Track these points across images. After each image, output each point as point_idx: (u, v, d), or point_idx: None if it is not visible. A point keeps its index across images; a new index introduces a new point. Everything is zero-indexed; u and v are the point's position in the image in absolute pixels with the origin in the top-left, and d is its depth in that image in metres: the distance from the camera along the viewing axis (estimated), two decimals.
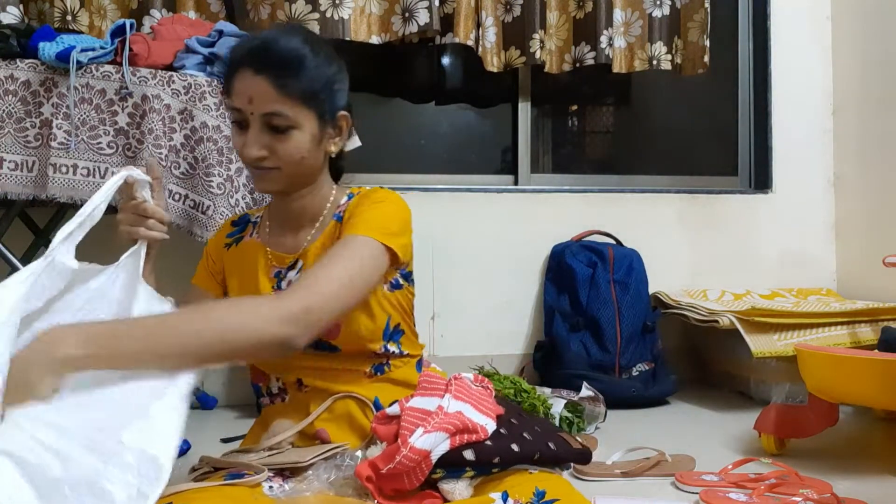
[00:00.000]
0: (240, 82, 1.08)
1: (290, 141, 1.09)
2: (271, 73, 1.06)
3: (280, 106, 1.07)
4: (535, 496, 0.95)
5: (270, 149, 1.09)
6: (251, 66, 1.07)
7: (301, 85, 1.08)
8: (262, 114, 1.07)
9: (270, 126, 1.08)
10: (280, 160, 1.09)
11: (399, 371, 1.18)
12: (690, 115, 2.95)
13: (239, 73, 1.08)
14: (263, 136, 1.08)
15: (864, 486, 1.48)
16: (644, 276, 2.40)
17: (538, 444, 1.07)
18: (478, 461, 1.01)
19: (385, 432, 1.02)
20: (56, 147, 1.67)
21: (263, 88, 1.06)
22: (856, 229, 2.67)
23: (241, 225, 1.28)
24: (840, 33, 2.73)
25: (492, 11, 2.42)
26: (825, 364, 1.64)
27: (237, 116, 1.10)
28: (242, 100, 1.07)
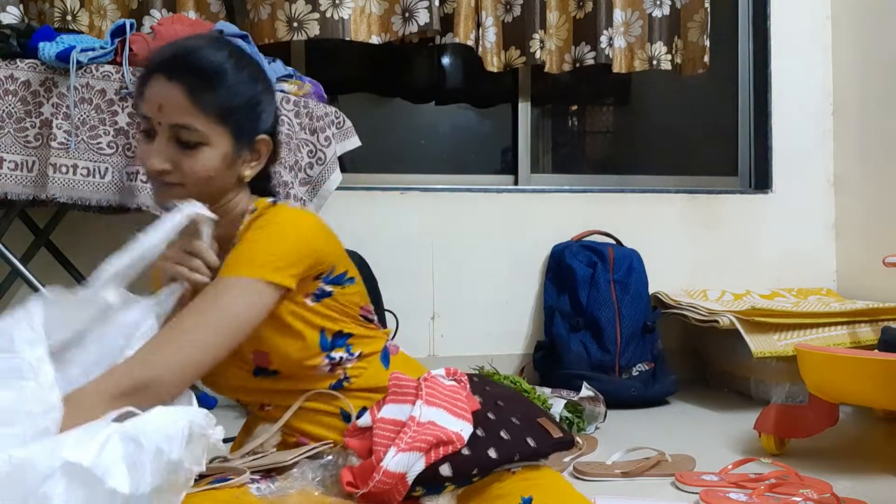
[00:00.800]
0: (151, 88, 1.00)
1: (197, 158, 1.01)
2: (186, 81, 0.99)
3: (191, 118, 0.99)
4: None
5: (175, 163, 1.01)
6: (165, 73, 0.99)
7: (217, 99, 1.00)
8: (171, 124, 0.99)
9: (178, 139, 1.00)
10: (184, 177, 1.01)
11: (361, 379, 1.10)
12: (690, 115, 2.95)
13: (153, 78, 1.00)
14: (169, 149, 1.00)
15: (864, 486, 1.48)
16: (644, 276, 2.40)
17: (517, 445, 1.04)
18: (456, 476, 0.98)
19: (358, 446, 1.00)
20: (56, 147, 1.66)
21: (176, 97, 0.99)
22: (856, 229, 2.67)
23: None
24: (840, 33, 2.73)
25: (492, 11, 2.42)
26: (825, 364, 1.64)
27: (145, 125, 1.02)
28: (152, 107, 1.00)
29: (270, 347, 1.05)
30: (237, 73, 1.03)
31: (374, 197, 2.41)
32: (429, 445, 0.97)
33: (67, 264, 2.09)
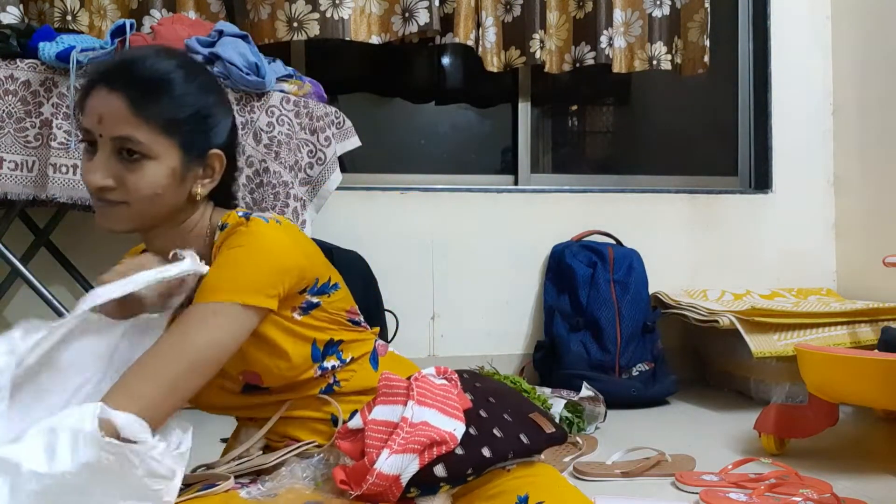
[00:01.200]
0: (92, 99, 0.94)
1: (141, 173, 0.94)
2: (128, 91, 0.92)
3: (133, 130, 0.93)
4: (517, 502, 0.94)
5: (118, 179, 0.94)
6: (107, 83, 0.93)
7: (162, 109, 0.94)
8: (112, 137, 0.93)
9: (121, 152, 0.93)
10: (128, 194, 0.94)
11: (351, 382, 1.09)
12: (690, 115, 2.95)
13: (94, 89, 0.94)
14: (112, 164, 0.94)
15: (864, 486, 1.48)
16: (644, 276, 2.40)
17: (510, 442, 1.03)
18: (450, 476, 0.97)
19: (350, 449, 0.99)
20: (56, 147, 1.66)
21: (116, 108, 0.92)
22: (856, 229, 2.67)
23: None
24: (840, 33, 2.73)
25: (492, 11, 2.42)
26: (825, 364, 1.64)
27: (86, 137, 0.95)
28: (92, 119, 0.93)
29: (261, 368, 1.01)
30: (185, 84, 0.96)
31: (374, 197, 2.41)
32: (422, 446, 0.96)
33: (67, 264, 2.09)
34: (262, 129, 1.83)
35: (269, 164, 1.83)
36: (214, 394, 1.04)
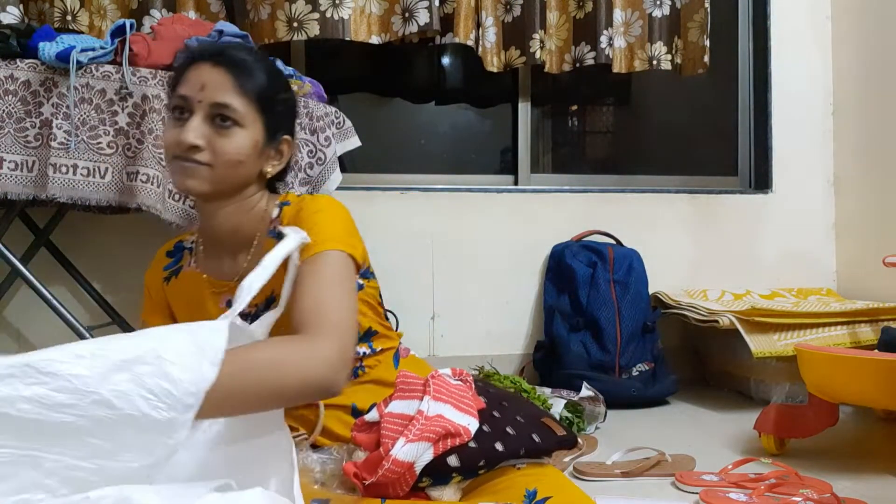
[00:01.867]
0: (194, 71, 1.04)
1: (231, 138, 1.04)
2: (230, 67, 1.04)
3: (232, 98, 1.03)
4: (526, 498, 0.94)
5: (208, 141, 1.03)
6: (210, 60, 1.05)
7: (257, 87, 1.06)
8: (212, 103, 1.03)
9: (215, 118, 1.04)
10: (216, 156, 1.04)
11: (374, 371, 1.15)
12: (690, 115, 2.95)
13: (195, 64, 1.05)
14: (204, 127, 1.03)
15: (864, 486, 1.48)
16: (644, 276, 2.40)
17: (522, 440, 1.05)
18: (463, 466, 0.99)
19: (366, 440, 1.00)
20: (56, 147, 1.66)
21: (220, 79, 1.04)
22: (856, 229, 2.67)
23: (176, 254, 1.22)
24: (840, 33, 2.73)
25: (492, 11, 2.42)
26: (825, 364, 1.64)
27: (179, 103, 1.05)
28: (193, 87, 1.03)
29: None
30: (276, 75, 1.10)
31: (374, 197, 2.41)
32: (437, 436, 0.98)
33: (67, 264, 2.09)
34: None
35: None
36: None
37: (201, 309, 1.14)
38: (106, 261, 2.18)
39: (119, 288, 2.18)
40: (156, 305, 1.22)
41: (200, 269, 1.16)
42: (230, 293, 1.07)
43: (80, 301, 2.14)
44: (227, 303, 1.10)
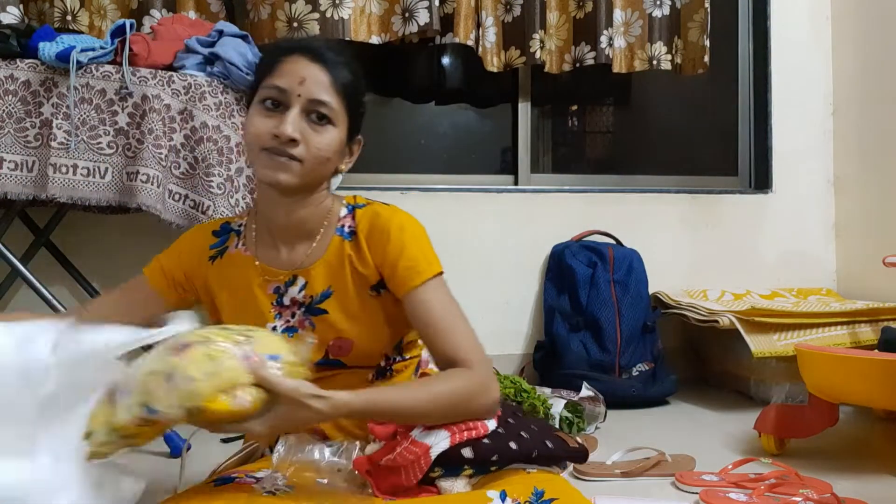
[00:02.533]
0: (291, 64, 1.05)
1: (324, 135, 1.06)
2: (328, 65, 1.06)
3: (329, 96, 1.06)
4: (533, 495, 0.94)
5: (303, 136, 1.05)
6: (307, 54, 1.06)
7: (350, 86, 1.08)
8: (311, 98, 1.04)
9: (311, 115, 1.05)
10: (308, 152, 1.05)
11: (398, 377, 1.18)
12: (690, 115, 2.95)
13: (291, 57, 1.06)
14: (299, 122, 1.04)
15: (864, 486, 1.48)
16: (644, 276, 2.40)
17: (536, 443, 1.07)
18: (476, 459, 1.01)
19: (382, 431, 1.02)
20: (56, 147, 1.66)
21: (319, 75, 1.05)
22: (856, 229, 2.67)
23: (222, 235, 1.21)
24: (840, 33, 2.73)
25: (492, 11, 2.42)
26: (825, 364, 1.64)
27: (275, 95, 1.05)
28: (292, 79, 1.04)
29: (362, 339, 1.11)
30: (361, 77, 1.13)
31: (373, 197, 2.40)
32: (455, 426, 1.01)
33: (67, 264, 2.09)
34: None
35: None
36: None
37: (249, 293, 1.14)
38: (106, 261, 2.18)
39: None
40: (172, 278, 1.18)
41: (251, 254, 1.16)
42: (280, 282, 1.13)
43: (80, 301, 2.14)
44: (276, 290, 1.13)
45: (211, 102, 1.76)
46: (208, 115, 1.75)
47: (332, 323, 1.11)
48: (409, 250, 1.11)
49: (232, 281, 1.17)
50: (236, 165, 1.79)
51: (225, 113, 1.78)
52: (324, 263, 1.13)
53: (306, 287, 1.13)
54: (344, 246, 1.13)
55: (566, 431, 1.87)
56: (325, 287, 1.12)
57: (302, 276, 1.13)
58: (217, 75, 1.79)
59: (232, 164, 1.78)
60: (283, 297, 1.13)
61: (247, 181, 1.82)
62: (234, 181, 1.79)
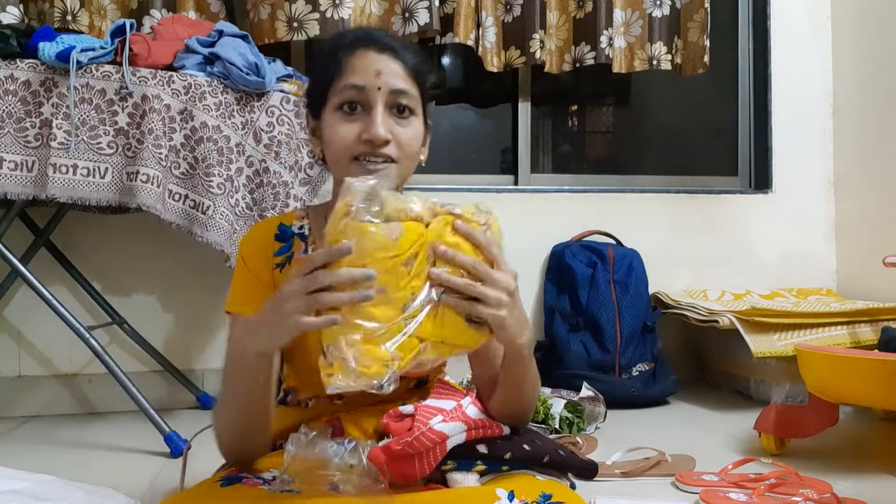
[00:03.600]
0: (361, 59, 0.96)
1: (410, 128, 0.99)
2: (397, 51, 0.98)
3: (408, 85, 0.98)
4: (541, 497, 0.95)
5: (394, 134, 0.97)
6: (373, 45, 0.97)
7: (420, 70, 1.01)
8: (392, 90, 0.96)
9: (395, 107, 0.98)
10: (401, 149, 0.98)
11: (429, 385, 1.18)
12: (690, 115, 2.95)
13: (357, 52, 0.97)
14: (387, 119, 0.97)
15: (864, 486, 1.48)
16: (644, 276, 2.40)
17: (548, 449, 1.07)
18: (490, 455, 1.02)
19: (397, 427, 1.01)
20: (56, 147, 1.66)
21: (392, 64, 0.97)
22: (856, 229, 2.67)
23: (286, 240, 1.11)
24: (840, 33, 2.73)
25: (492, 11, 2.42)
26: (825, 364, 1.64)
27: (353, 95, 0.96)
28: (367, 74, 0.96)
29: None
30: (425, 60, 1.05)
31: None
32: (473, 424, 1.01)
33: (67, 264, 2.09)
34: (262, 129, 1.83)
35: (269, 164, 1.83)
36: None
37: None
38: (106, 261, 2.18)
39: (119, 288, 2.18)
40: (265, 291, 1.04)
41: None
42: None
43: (80, 301, 2.14)
44: None
45: (211, 102, 1.76)
46: (208, 115, 1.75)
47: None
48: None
49: None
50: (236, 165, 1.80)
51: (225, 113, 1.78)
52: None
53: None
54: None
55: (566, 431, 1.87)
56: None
57: None
58: (217, 75, 1.79)
59: (232, 164, 1.79)
60: None
61: (246, 181, 1.82)
62: (234, 181, 1.79)
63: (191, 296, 2.22)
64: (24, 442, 1.86)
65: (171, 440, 1.71)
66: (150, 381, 2.14)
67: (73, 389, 2.17)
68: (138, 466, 1.63)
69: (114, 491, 1.17)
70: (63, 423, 2.03)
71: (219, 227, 1.74)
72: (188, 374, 2.18)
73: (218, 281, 2.19)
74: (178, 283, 2.22)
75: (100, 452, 1.76)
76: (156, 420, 1.73)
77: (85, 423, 2.03)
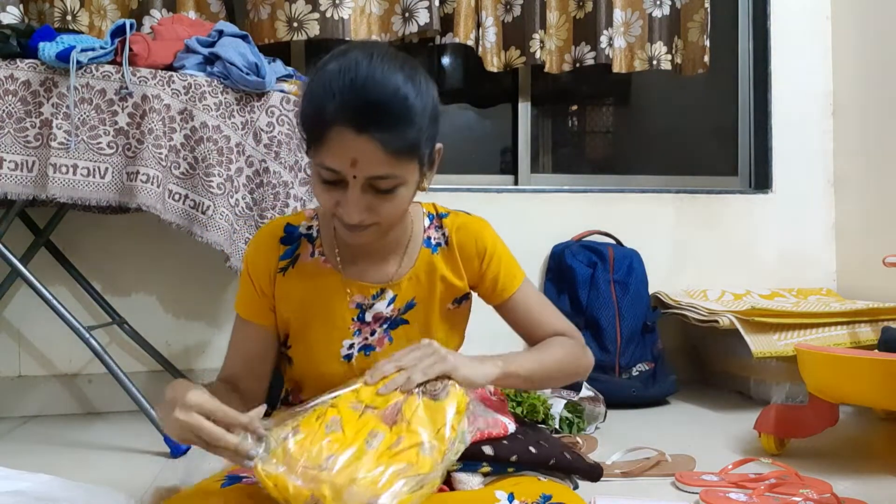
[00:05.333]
0: (338, 143, 0.91)
1: (394, 200, 0.97)
2: (377, 133, 0.90)
3: (388, 168, 0.93)
4: (541, 498, 0.94)
5: (371, 209, 0.96)
6: (352, 125, 0.90)
7: (409, 140, 0.93)
8: (368, 177, 0.93)
9: (374, 188, 0.95)
10: (381, 217, 0.98)
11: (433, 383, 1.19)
12: (690, 115, 2.95)
13: (334, 129, 0.91)
14: (365, 198, 0.95)
15: (864, 486, 1.48)
16: (644, 276, 2.40)
17: (554, 452, 1.08)
18: (496, 457, 1.02)
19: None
20: (56, 147, 1.66)
21: (370, 151, 0.91)
22: (856, 229, 2.67)
23: (292, 242, 1.12)
24: (840, 33, 2.73)
25: (492, 11, 2.42)
26: (825, 364, 1.64)
27: (330, 176, 0.94)
28: (342, 162, 0.92)
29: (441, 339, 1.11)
30: (418, 97, 0.94)
31: None
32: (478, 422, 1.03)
33: (67, 264, 2.09)
34: (262, 129, 1.83)
35: (269, 164, 1.83)
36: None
37: (326, 307, 1.09)
38: (106, 261, 2.18)
39: (119, 288, 2.18)
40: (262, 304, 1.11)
41: (332, 267, 1.10)
42: (364, 295, 1.10)
43: (80, 301, 2.14)
44: (358, 305, 1.10)
45: (211, 102, 1.76)
46: (208, 115, 1.75)
47: (410, 334, 1.12)
48: (504, 261, 1.18)
49: (308, 292, 1.10)
50: (236, 165, 1.80)
51: (225, 113, 1.78)
52: (413, 276, 1.12)
53: (395, 300, 1.11)
54: (434, 258, 1.13)
55: (566, 431, 1.87)
56: (411, 298, 1.12)
57: (391, 290, 1.11)
58: (217, 75, 1.79)
59: (232, 164, 1.78)
60: (366, 312, 1.10)
61: (246, 181, 1.82)
62: (234, 181, 1.79)
63: (191, 296, 2.22)
64: (24, 442, 1.86)
65: (171, 440, 1.71)
66: (150, 381, 2.14)
67: (73, 389, 2.17)
68: (138, 466, 1.63)
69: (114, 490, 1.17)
70: (63, 423, 2.03)
71: (219, 227, 1.74)
72: (188, 374, 2.18)
73: (218, 281, 2.19)
74: (178, 283, 2.22)
75: (100, 452, 1.76)
76: (156, 420, 1.74)
77: (85, 423, 2.03)
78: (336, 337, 1.10)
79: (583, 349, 1.19)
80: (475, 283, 1.18)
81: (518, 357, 1.10)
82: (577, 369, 1.18)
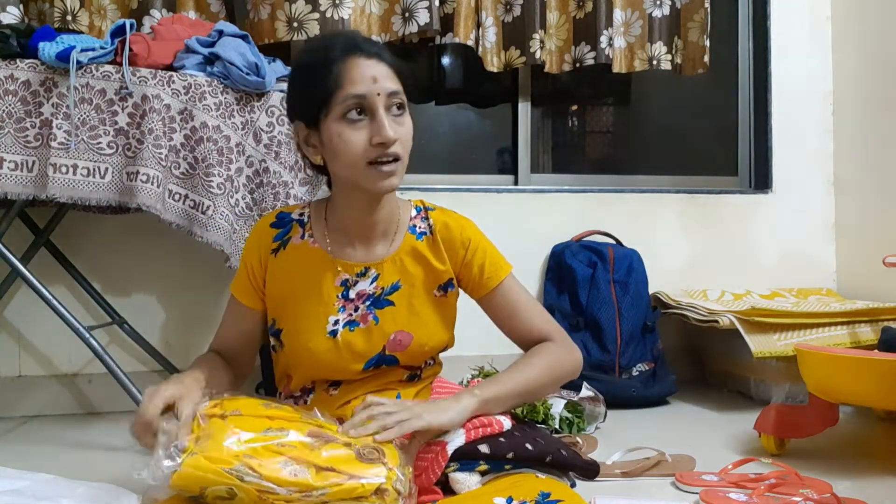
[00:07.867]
0: (355, 68, 1.06)
1: (407, 123, 1.09)
2: (381, 55, 1.09)
3: (397, 84, 1.08)
4: (539, 496, 0.95)
5: (397, 133, 1.08)
6: (361, 52, 1.07)
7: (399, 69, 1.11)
8: (389, 92, 1.06)
9: (391, 109, 1.07)
10: (404, 147, 1.08)
11: (423, 382, 1.23)
12: (690, 115, 2.95)
13: (349, 62, 1.06)
14: (389, 117, 1.07)
15: (864, 486, 1.48)
16: (644, 276, 2.40)
17: (551, 448, 1.08)
18: (492, 454, 1.02)
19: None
20: (56, 147, 1.66)
21: (382, 68, 1.07)
22: (856, 229, 2.67)
23: (283, 226, 1.22)
24: (840, 33, 2.73)
25: (492, 11, 2.42)
26: (825, 364, 1.64)
27: (357, 103, 1.06)
28: (365, 82, 1.05)
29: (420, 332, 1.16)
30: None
31: None
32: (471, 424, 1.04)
33: (67, 264, 2.09)
34: (262, 129, 1.83)
35: (269, 164, 1.83)
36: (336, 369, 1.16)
37: (314, 285, 1.16)
38: (106, 261, 2.18)
39: (119, 288, 2.18)
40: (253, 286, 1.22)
41: (320, 246, 1.18)
42: (351, 274, 1.16)
43: (80, 301, 2.14)
44: (343, 283, 1.16)
45: (211, 102, 1.76)
46: (208, 115, 1.75)
47: (397, 316, 1.16)
48: (489, 252, 1.24)
49: (298, 272, 1.18)
50: (236, 165, 1.80)
51: (225, 113, 1.78)
52: (396, 258, 1.17)
53: (378, 279, 1.16)
54: (417, 244, 1.18)
55: (566, 431, 1.87)
56: (395, 280, 1.17)
57: (374, 269, 1.17)
58: (217, 75, 1.79)
59: (232, 164, 1.78)
60: (350, 290, 1.16)
61: (246, 181, 1.82)
62: (234, 181, 1.79)
63: (191, 296, 2.22)
64: (24, 442, 1.86)
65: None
66: (150, 381, 2.12)
67: (73, 389, 2.17)
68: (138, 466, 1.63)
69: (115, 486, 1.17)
70: (63, 423, 2.03)
71: (219, 227, 1.74)
72: None
73: (218, 281, 2.19)
74: (178, 283, 2.22)
75: (100, 452, 1.76)
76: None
77: (85, 423, 2.03)
78: (322, 312, 1.15)
79: (568, 350, 1.20)
80: (460, 273, 1.22)
81: (495, 381, 1.14)
82: (564, 372, 1.20)
